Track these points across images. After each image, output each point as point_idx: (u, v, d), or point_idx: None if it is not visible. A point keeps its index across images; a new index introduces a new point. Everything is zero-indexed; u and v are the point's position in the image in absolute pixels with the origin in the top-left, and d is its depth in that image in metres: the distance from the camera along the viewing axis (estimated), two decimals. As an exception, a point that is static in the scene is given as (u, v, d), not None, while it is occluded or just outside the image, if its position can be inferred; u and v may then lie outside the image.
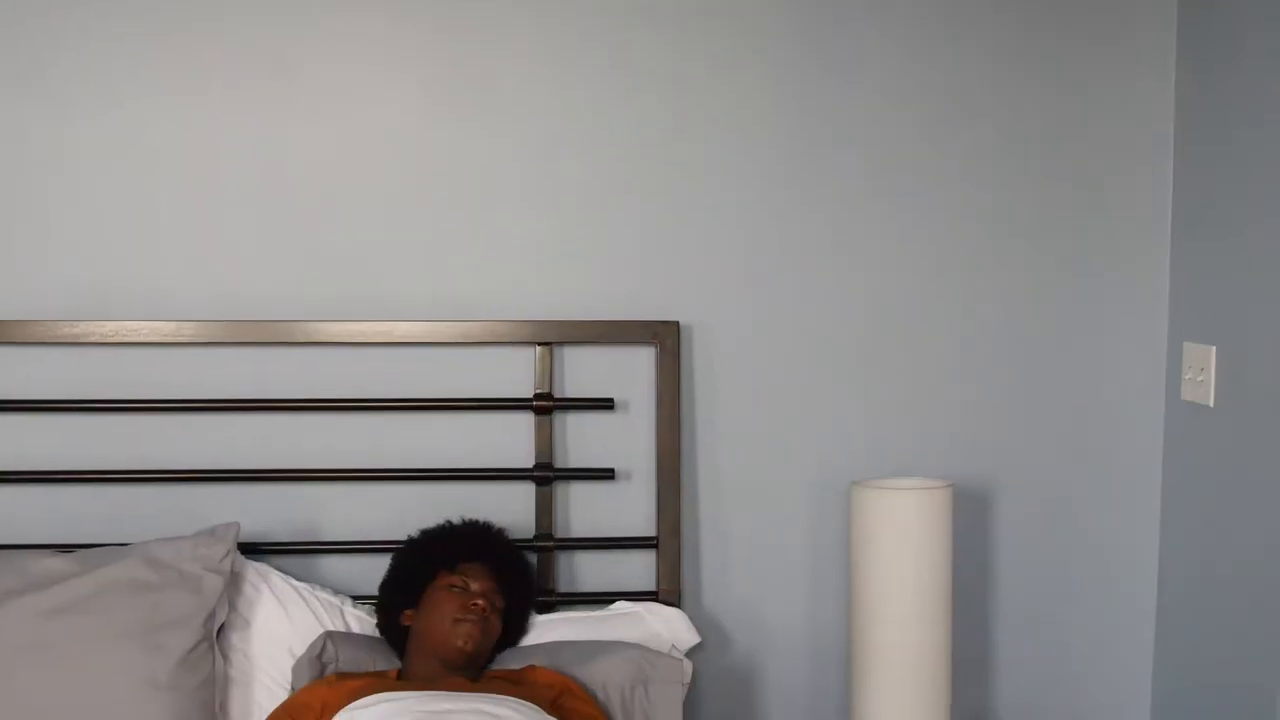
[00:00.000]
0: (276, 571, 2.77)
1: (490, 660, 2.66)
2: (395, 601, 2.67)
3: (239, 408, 2.84)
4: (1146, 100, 2.99)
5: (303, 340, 2.82)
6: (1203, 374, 2.86)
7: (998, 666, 3.09)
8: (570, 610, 2.88)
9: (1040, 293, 3.01)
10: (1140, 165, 3.00)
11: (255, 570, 2.75)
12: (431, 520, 2.77)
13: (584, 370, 2.92)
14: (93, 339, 2.78)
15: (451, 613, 2.56)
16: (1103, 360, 3.03)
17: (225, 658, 2.65)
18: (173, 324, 2.79)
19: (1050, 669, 3.09)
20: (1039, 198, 2.99)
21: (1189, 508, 2.96)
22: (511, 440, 2.90)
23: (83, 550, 2.69)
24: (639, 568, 2.95)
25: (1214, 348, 2.83)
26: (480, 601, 2.58)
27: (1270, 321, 2.64)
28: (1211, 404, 2.84)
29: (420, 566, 2.66)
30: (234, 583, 2.69)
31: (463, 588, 2.60)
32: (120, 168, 2.84)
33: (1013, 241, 3.00)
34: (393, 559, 2.74)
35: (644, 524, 2.94)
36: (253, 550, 2.79)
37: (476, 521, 2.76)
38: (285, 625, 2.70)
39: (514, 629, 2.73)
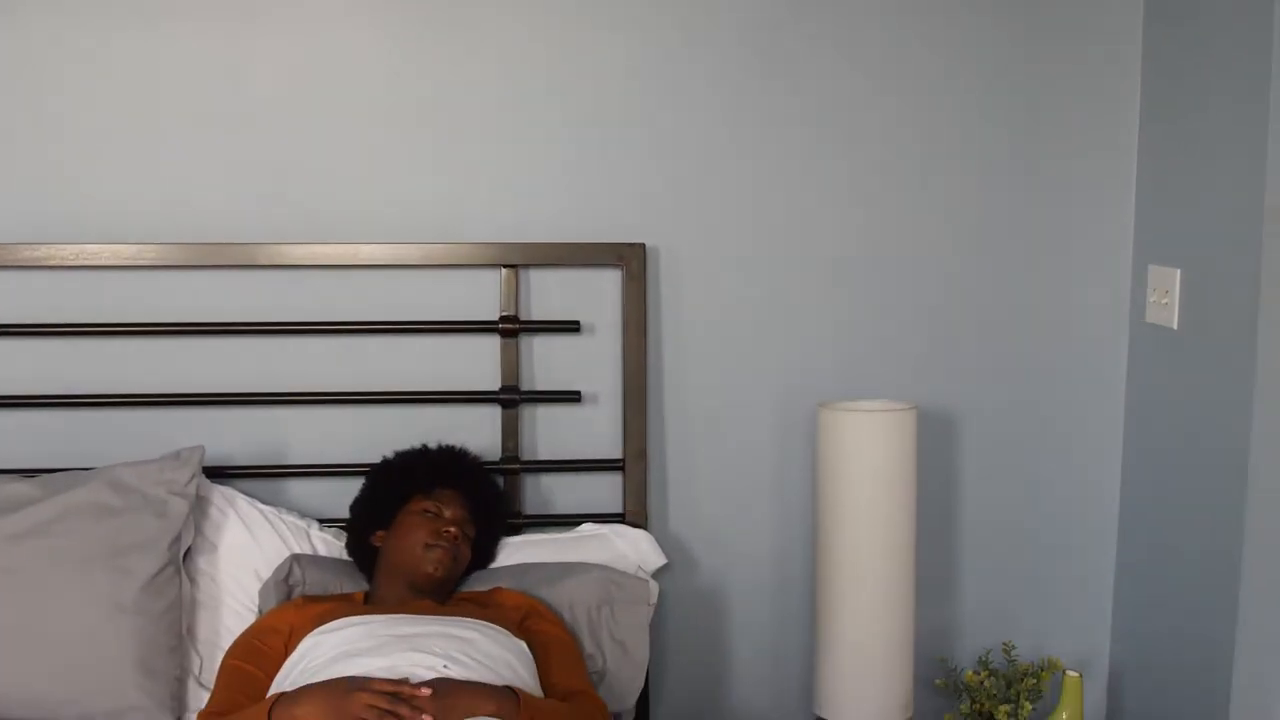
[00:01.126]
0: (242, 495, 2.77)
1: (458, 583, 2.67)
2: (366, 521, 2.67)
3: (202, 331, 2.82)
4: (1113, 20, 2.97)
5: (266, 263, 2.79)
6: (1167, 297, 2.87)
7: (962, 586, 3.12)
8: (537, 532, 2.89)
9: (1006, 215, 3.01)
10: (1106, 87, 2.99)
11: (221, 494, 2.74)
12: (396, 443, 2.77)
13: (550, 293, 2.90)
14: (53, 262, 2.75)
15: (423, 538, 2.56)
16: (1068, 282, 3.04)
17: (192, 581, 2.65)
18: (134, 246, 2.76)
19: (1014, 588, 3.13)
20: (1006, 121, 2.98)
21: (1152, 429, 2.98)
22: (477, 363, 2.90)
23: (46, 475, 2.68)
24: (605, 490, 2.96)
25: (1178, 270, 2.83)
26: (453, 529, 2.58)
27: (1234, 244, 2.64)
28: (1175, 326, 2.85)
29: (394, 489, 2.66)
30: (199, 506, 2.69)
31: (436, 514, 2.60)
32: (81, 89, 2.79)
33: (979, 164, 2.99)
34: (366, 478, 2.74)
35: (610, 446, 2.94)
36: (218, 474, 2.79)
37: (453, 447, 2.76)
38: (252, 548, 2.70)
39: (483, 556, 2.74)
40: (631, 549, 2.81)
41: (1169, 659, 2.92)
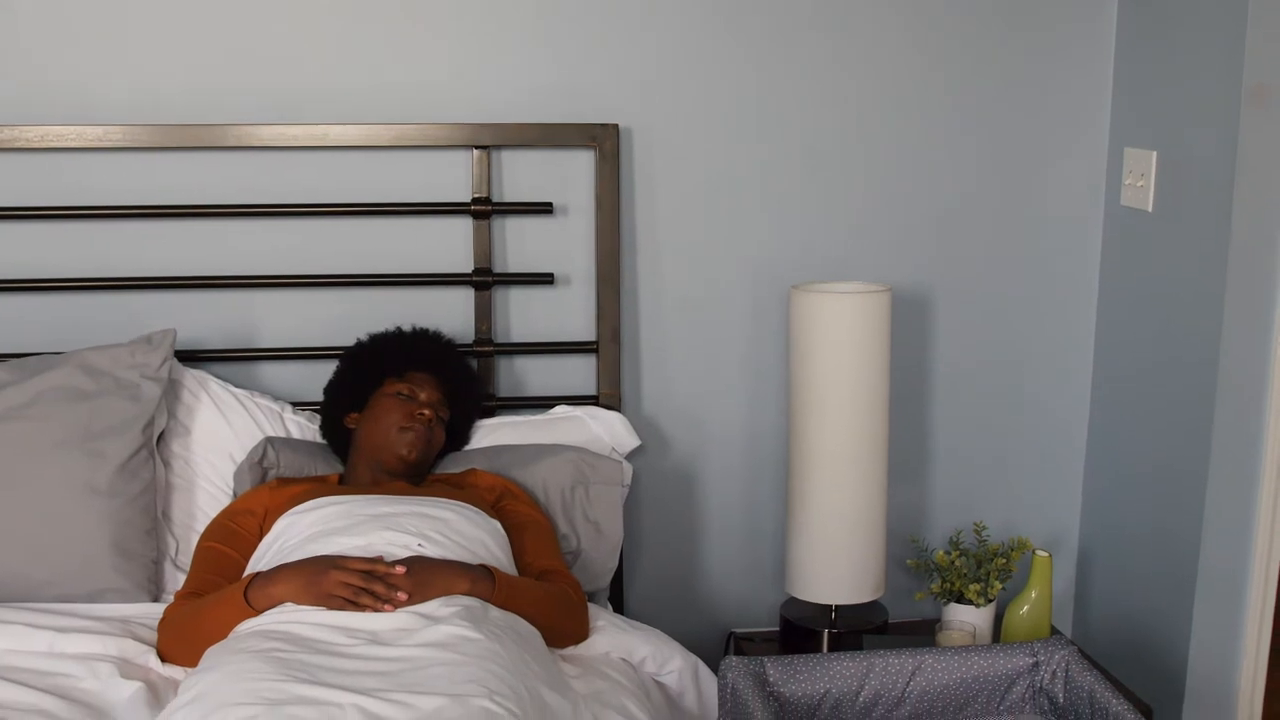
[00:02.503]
0: (215, 378, 2.76)
1: (432, 465, 2.68)
2: (340, 404, 2.67)
3: (171, 214, 2.79)
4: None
5: (235, 144, 2.75)
6: (1143, 179, 2.86)
7: (934, 467, 3.14)
8: (511, 414, 2.89)
9: (982, 96, 2.98)
10: (1087, -35, 2.96)
11: (193, 377, 2.74)
12: (368, 326, 2.77)
13: (522, 174, 2.88)
14: (19, 144, 2.70)
15: (397, 421, 2.56)
16: (1043, 165, 3.03)
17: (166, 464, 2.65)
18: (100, 128, 2.71)
19: (985, 470, 3.15)
20: (982, 3, 2.94)
21: (1125, 312, 2.99)
22: (450, 245, 2.88)
23: (16, 359, 2.66)
24: (579, 372, 2.96)
25: (1155, 153, 2.82)
26: (427, 412, 2.58)
27: (1211, 127, 2.63)
28: (1150, 209, 2.85)
29: (368, 371, 2.66)
30: (172, 390, 2.68)
31: (410, 396, 2.60)
32: (39, -36, 2.74)
33: (955, 46, 2.96)
34: (340, 361, 2.73)
35: (584, 328, 2.94)
36: (190, 358, 2.78)
37: (427, 330, 2.75)
38: (225, 431, 2.70)
39: (458, 438, 2.74)
40: (605, 430, 2.82)
41: (1138, 539, 2.96)
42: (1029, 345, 3.10)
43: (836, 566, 2.79)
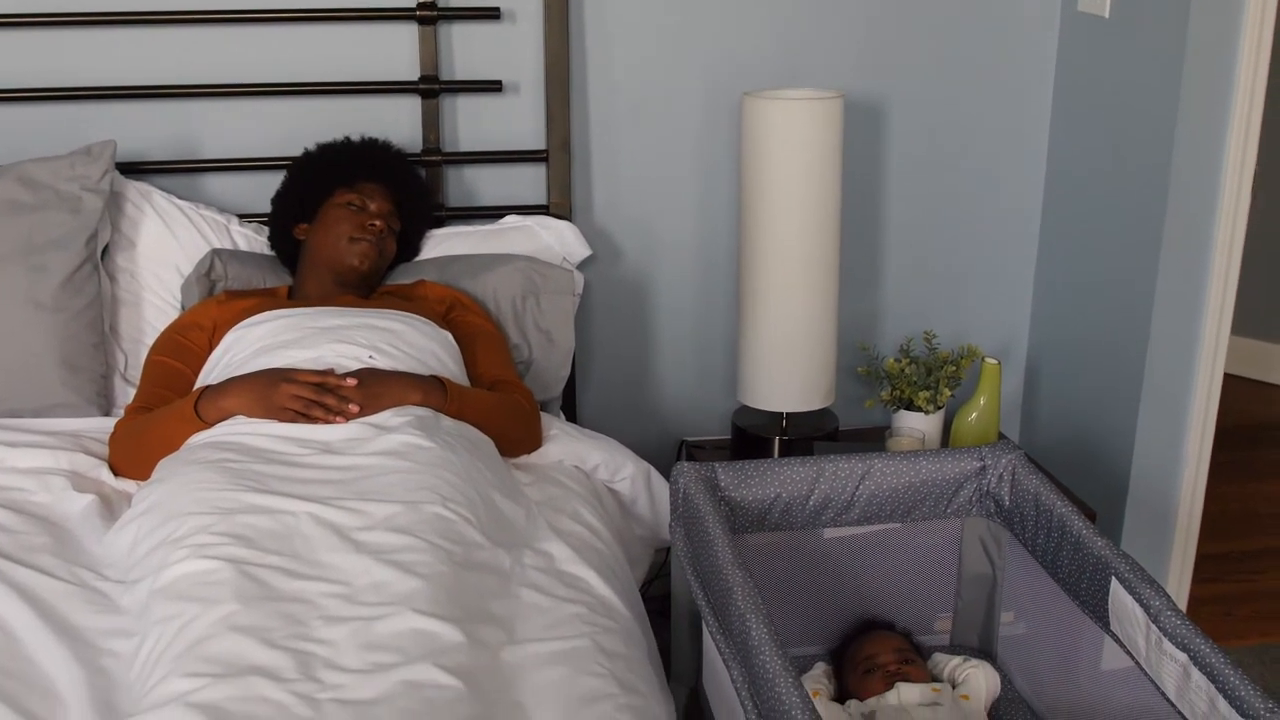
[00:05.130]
0: (159, 191, 2.71)
1: (383, 277, 2.66)
2: (289, 214, 2.63)
3: (109, 21, 2.70)
4: None
5: (170, -53, 2.67)
6: (1099, -19, 2.82)
7: (885, 276, 3.15)
8: (461, 225, 2.86)
9: (940, -105, 2.92)
10: None
11: (136, 190, 2.69)
12: (313, 137, 2.72)
13: (468, -22, 2.81)
14: (-57, -53, 2.61)
15: (348, 231, 2.53)
16: (1000, -34, 2.98)
17: (112, 279, 2.62)
18: (29, -70, 2.63)
19: (936, 279, 3.16)
20: None
21: (1080, 120, 2.97)
22: (396, 52, 2.81)
23: (-49, 171, 2.60)
24: (529, 181, 2.93)
25: (1112, -47, 2.78)
26: (378, 222, 2.55)
27: (1170, -75, 2.59)
28: (1107, 15, 2.81)
29: (318, 181, 2.61)
30: (115, 203, 2.64)
31: (360, 207, 2.57)
32: None
33: None
34: (288, 171, 2.68)
35: (534, 137, 2.90)
36: (133, 170, 2.72)
37: (376, 140, 2.70)
38: (171, 244, 2.67)
39: (408, 250, 2.72)
40: (556, 240, 2.80)
41: (1085, 348, 2.99)
42: (982, 154, 3.09)
43: (787, 374, 2.81)
